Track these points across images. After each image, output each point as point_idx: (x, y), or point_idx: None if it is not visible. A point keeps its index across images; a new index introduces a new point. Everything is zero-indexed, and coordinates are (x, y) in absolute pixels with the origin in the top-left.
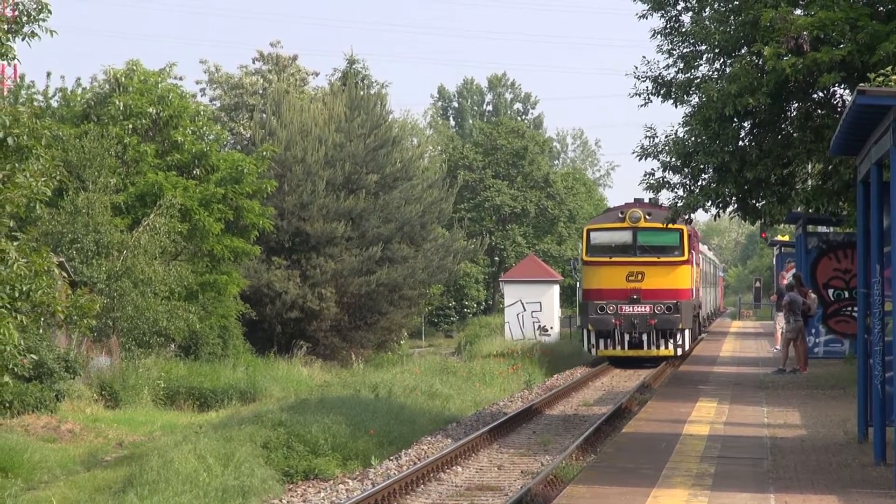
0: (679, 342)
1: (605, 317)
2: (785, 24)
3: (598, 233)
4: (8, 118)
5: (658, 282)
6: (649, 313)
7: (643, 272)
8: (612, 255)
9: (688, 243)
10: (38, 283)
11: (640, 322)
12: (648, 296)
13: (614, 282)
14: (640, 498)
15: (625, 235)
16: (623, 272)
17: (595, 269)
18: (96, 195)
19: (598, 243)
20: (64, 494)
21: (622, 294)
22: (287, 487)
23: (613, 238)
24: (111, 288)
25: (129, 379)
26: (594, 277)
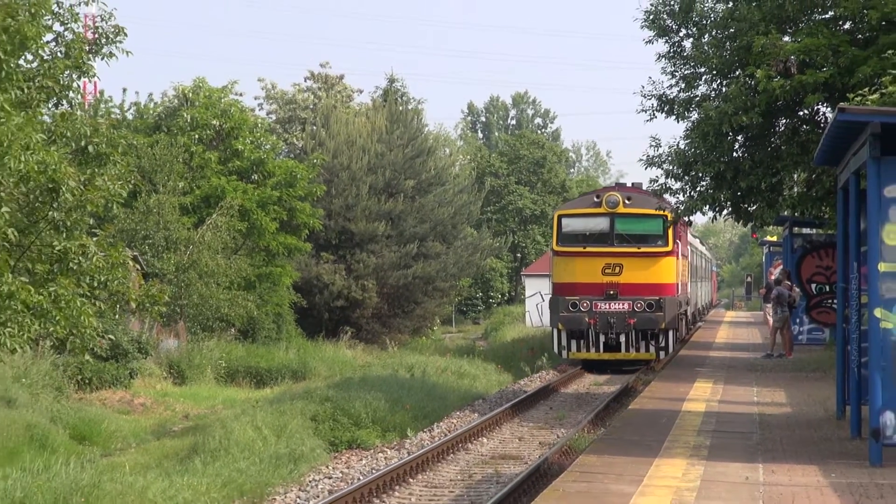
0: (661, 344)
1: (577, 315)
2: (775, 50)
3: (571, 219)
4: (89, 129)
5: (638, 275)
6: (628, 311)
7: (621, 264)
8: (586, 244)
9: (672, 232)
10: (115, 274)
11: (618, 321)
12: (627, 291)
13: (588, 275)
14: (644, 467)
15: (601, 222)
16: (598, 264)
17: (567, 261)
18: (166, 197)
19: (570, 231)
20: (136, 460)
21: (597, 289)
22: (333, 455)
23: (588, 225)
24: (179, 279)
25: (194, 359)
26: (566, 269)
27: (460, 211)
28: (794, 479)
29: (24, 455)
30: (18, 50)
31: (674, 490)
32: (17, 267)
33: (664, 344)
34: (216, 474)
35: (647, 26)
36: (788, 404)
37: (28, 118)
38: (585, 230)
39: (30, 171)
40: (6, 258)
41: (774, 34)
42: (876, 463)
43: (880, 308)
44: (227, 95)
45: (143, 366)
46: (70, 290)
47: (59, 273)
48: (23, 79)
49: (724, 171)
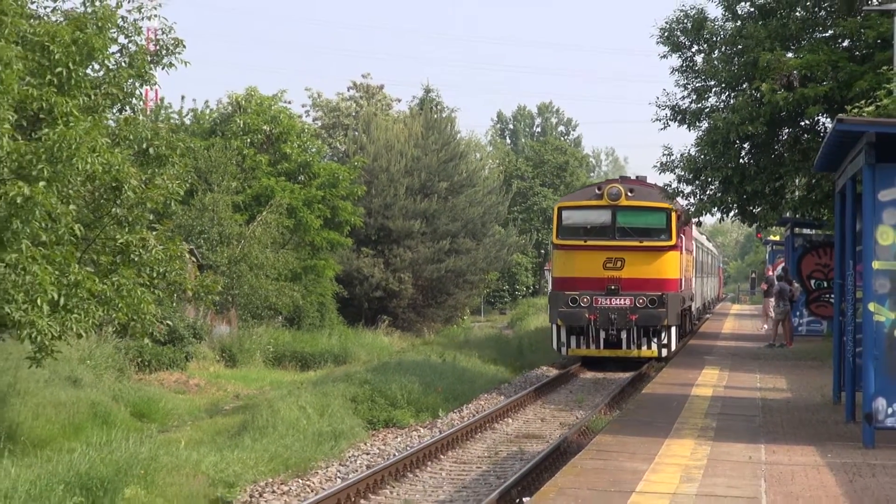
0: (664, 341)
1: (577, 310)
2: (779, 65)
3: (571, 211)
4: (150, 132)
5: (640, 270)
6: (629, 307)
7: (623, 259)
8: (586, 237)
9: (676, 226)
10: (172, 265)
11: (619, 317)
12: (629, 286)
13: (589, 269)
14: (655, 446)
15: (602, 215)
16: (599, 258)
17: (567, 255)
18: (220, 195)
19: (570, 224)
20: (190, 436)
21: (598, 284)
22: (370, 433)
23: (588, 218)
24: (231, 270)
25: (244, 344)
26: (566, 264)
27: (489, 210)
28: (793, 458)
29: (89, 430)
30: (86, 60)
31: (683, 468)
32: (84, 258)
33: (666, 341)
34: (264, 450)
35: (662, 42)
36: (789, 390)
37: (94, 122)
38: (586, 223)
39: (95, 171)
40: (73, 250)
41: (779, 51)
42: (868, 445)
43: (874, 302)
44: (276, 103)
45: (197, 350)
46: (131, 279)
47: (121, 264)
48: (90, 86)
49: (731, 176)
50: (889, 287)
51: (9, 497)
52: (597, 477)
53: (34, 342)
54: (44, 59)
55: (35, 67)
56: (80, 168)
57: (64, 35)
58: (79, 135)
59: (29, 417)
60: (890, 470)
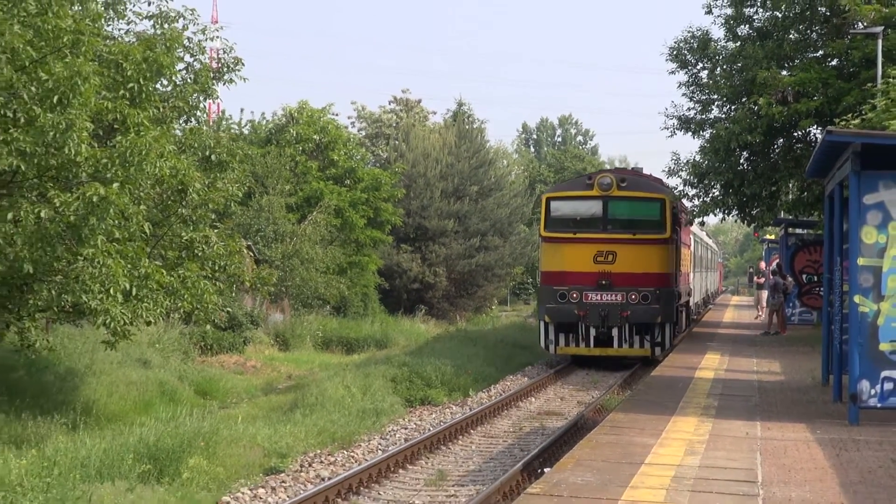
0: (658, 339)
1: (566, 306)
2: (775, 82)
3: (560, 202)
4: (212, 141)
5: (633, 264)
6: (621, 303)
7: (615, 252)
8: (576, 229)
9: (671, 217)
10: (232, 260)
11: (611, 313)
12: (621, 281)
13: (579, 263)
14: (663, 423)
15: (593, 206)
16: (590, 251)
17: (555, 247)
18: (275, 197)
19: (559, 215)
20: (247, 412)
21: (589, 278)
22: (408, 410)
23: (578, 209)
24: (284, 264)
25: (296, 330)
26: (554, 257)
27: (515, 212)
28: (785, 434)
29: (157, 406)
30: (156, 76)
31: (687, 442)
32: (153, 253)
33: (660, 339)
34: (313, 424)
35: (672, 59)
36: (782, 373)
37: (163, 132)
38: (576, 214)
39: (164, 174)
40: (143, 246)
41: (775, 69)
42: (854, 422)
43: (859, 295)
44: (325, 115)
45: (254, 335)
46: (195, 272)
47: (186, 259)
48: (159, 100)
49: (731, 181)
50: (872, 281)
51: (84, 465)
52: (610, 450)
53: (108, 328)
54: (118, 75)
55: (110, 83)
56: (149, 172)
57: (136, 54)
58: (148, 142)
59: (104, 395)
60: (873, 445)
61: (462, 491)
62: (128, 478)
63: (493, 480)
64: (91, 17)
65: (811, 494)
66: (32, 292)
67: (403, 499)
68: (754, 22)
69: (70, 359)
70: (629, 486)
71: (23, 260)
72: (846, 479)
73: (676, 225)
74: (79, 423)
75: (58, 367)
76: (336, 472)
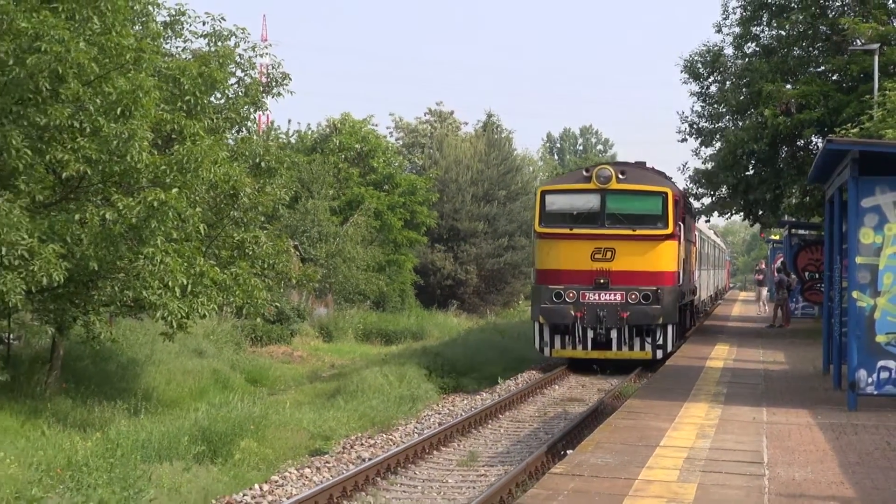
0: (659, 342)
1: (561, 306)
2: (779, 94)
3: (556, 196)
4: (262, 149)
5: (633, 262)
6: (620, 303)
7: (613, 249)
8: (573, 225)
9: (673, 211)
10: (280, 258)
11: (609, 314)
12: (620, 280)
13: (575, 261)
14: (676, 409)
15: (590, 200)
16: (587, 248)
17: (551, 244)
18: (319, 201)
19: (555, 210)
20: (294, 398)
21: (585, 277)
22: (441, 397)
23: (575, 203)
24: (328, 263)
25: (338, 322)
26: (549, 254)
27: None
28: (789, 419)
29: (211, 393)
30: (210, 90)
31: (698, 426)
32: (207, 252)
33: (662, 341)
34: (354, 409)
35: (684, 71)
36: (786, 363)
37: (216, 141)
38: (572, 209)
39: (217, 180)
40: (199, 246)
41: (779, 83)
42: (852, 408)
43: (857, 291)
44: (366, 125)
45: (300, 327)
46: (246, 270)
47: (238, 257)
48: (213, 111)
49: (738, 185)
50: (869, 278)
51: (145, 446)
52: (628, 433)
53: (166, 321)
54: (175, 89)
55: (168, 96)
56: (204, 178)
57: (192, 69)
58: (203, 151)
59: (162, 382)
60: (870, 429)
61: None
62: (184, 458)
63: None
64: (151, 36)
65: (813, 474)
66: (97, 288)
67: (438, 478)
68: (761, 39)
69: (131, 349)
70: (645, 467)
71: (89, 258)
72: (845, 460)
73: (680, 220)
74: (139, 408)
75: (120, 357)
76: (375, 453)
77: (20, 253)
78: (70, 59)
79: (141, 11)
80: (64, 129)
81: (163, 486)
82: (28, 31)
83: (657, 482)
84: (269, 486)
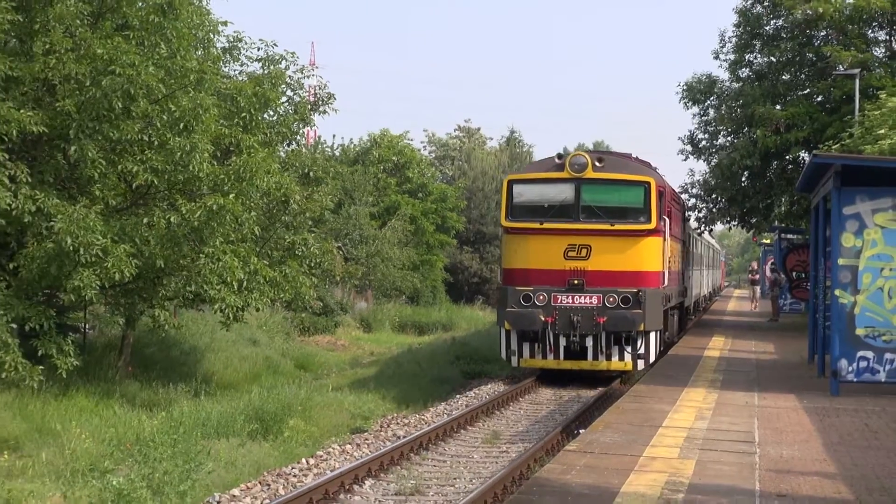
0: (640, 351)
1: (530, 311)
2: (770, 116)
3: (525, 186)
4: (309, 161)
5: (611, 260)
6: (597, 307)
7: (589, 245)
8: (544, 219)
9: (657, 204)
10: (326, 258)
11: (584, 320)
12: (596, 281)
13: (546, 259)
14: (677, 393)
15: (563, 190)
16: (559, 245)
17: (519, 241)
18: (360, 207)
19: (524, 201)
20: (337, 382)
21: (558, 277)
22: (467, 381)
23: (546, 194)
24: (368, 262)
25: (377, 315)
26: (517, 252)
27: None
28: (778, 403)
29: (263, 377)
30: (264, 108)
31: (697, 409)
32: (261, 253)
33: (643, 350)
34: (390, 392)
35: (685, 96)
36: (776, 353)
37: (269, 153)
38: (543, 201)
39: (270, 188)
40: (253, 246)
41: (769, 105)
42: (834, 393)
43: (839, 289)
44: (402, 140)
45: (343, 319)
46: (295, 269)
47: (288, 257)
48: (266, 127)
49: (734, 196)
50: (850, 278)
51: (204, 424)
52: (634, 415)
53: (224, 313)
54: (233, 107)
55: (227, 113)
56: (258, 186)
57: (247, 90)
58: (258, 162)
59: (220, 367)
60: (850, 412)
61: (513, 448)
62: (239, 435)
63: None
64: (211, 60)
65: (799, 452)
66: (162, 284)
67: (465, 454)
68: (753, 65)
69: (193, 338)
70: (649, 445)
71: (155, 257)
72: (828, 439)
73: (665, 214)
74: (200, 390)
75: (183, 345)
76: (409, 431)
77: (95, 252)
78: (140, 81)
79: (203, 38)
80: (134, 143)
81: (220, 459)
82: (103, 56)
83: (660, 458)
84: (314, 460)
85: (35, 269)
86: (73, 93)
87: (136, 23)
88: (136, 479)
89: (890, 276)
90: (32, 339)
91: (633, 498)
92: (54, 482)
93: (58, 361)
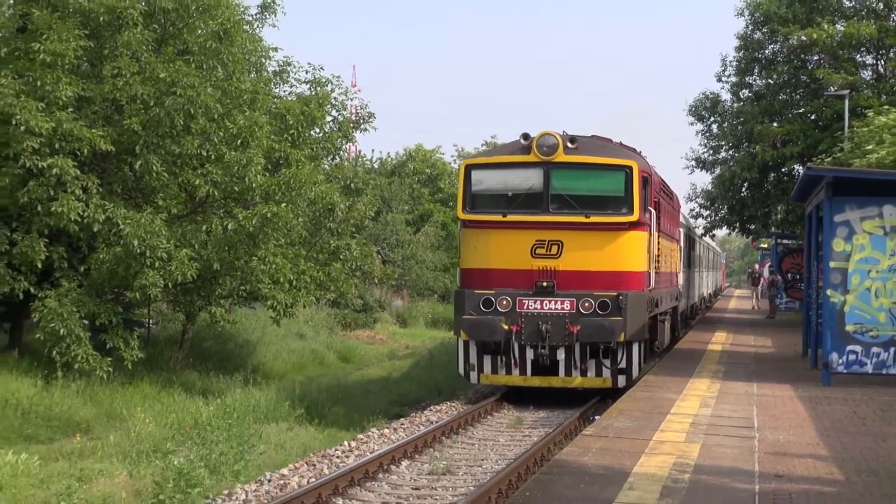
0: (621, 364)
1: (491, 318)
2: (767, 132)
3: (485, 171)
4: (352, 173)
5: (586, 259)
6: (569, 313)
7: (560, 241)
8: (507, 210)
9: (640, 192)
10: (366, 261)
11: (554, 328)
12: (569, 282)
13: (511, 258)
14: (683, 383)
15: (530, 177)
16: (526, 241)
17: (478, 236)
18: (397, 215)
19: (483, 189)
20: (376, 373)
21: (524, 279)
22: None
23: (510, 181)
24: (404, 264)
25: (412, 312)
26: (477, 249)
27: None
28: (775, 392)
29: (309, 368)
30: (310, 125)
31: (701, 397)
32: (308, 255)
33: (626, 364)
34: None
35: (690, 114)
36: (773, 347)
37: (315, 166)
38: (507, 189)
39: (316, 198)
40: (301, 250)
41: (767, 123)
42: (826, 384)
43: (830, 289)
44: (435, 154)
45: (381, 316)
46: (339, 270)
47: (332, 260)
48: (312, 143)
49: (734, 205)
50: (840, 279)
51: (255, 410)
52: (645, 403)
53: (275, 309)
54: (282, 124)
55: (277, 130)
56: (306, 196)
57: (296, 109)
58: (305, 174)
59: (270, 359)
60: (840, 401)
61: (535, 432)
62: (287, 420)
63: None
64: (264, 82)
65: (794, 437)
66: (219, 283)
67: (491, 437)
68: (753, 87)
69: (246, 332)
70: (659, 430)
71: (213, 260)
72: (821, 425)
73: (651, 206)
74: (251, 379)
75: (237, 339)
76: (441, 417)
77: (160, 255)
78: (199, 101)
79: (256, 62)
80: (193, 157)
81: (270, 442)
82: (166, 79)
83: (668, 442)
84: (356, 442)
85: (105, 270)
86: (139, 112)
87: (195, 48)
88: (195, 460)
89: (877, 278)
90: (102, 333)
91: (643, 478)
92: (121, 462)
93: (124, 353)
